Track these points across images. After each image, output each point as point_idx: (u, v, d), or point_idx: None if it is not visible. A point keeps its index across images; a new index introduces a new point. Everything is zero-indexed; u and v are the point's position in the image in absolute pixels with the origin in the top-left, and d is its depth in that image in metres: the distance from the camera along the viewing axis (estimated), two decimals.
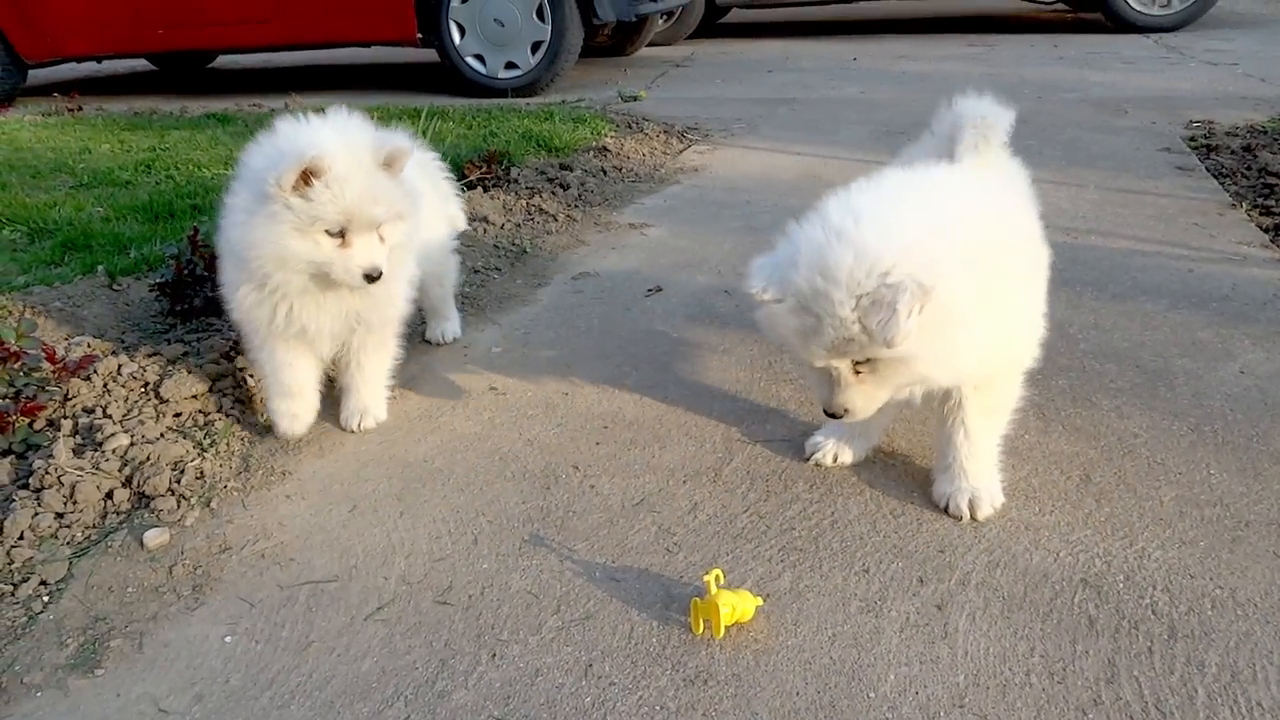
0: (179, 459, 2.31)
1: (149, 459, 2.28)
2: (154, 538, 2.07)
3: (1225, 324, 2.96)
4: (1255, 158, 4.62)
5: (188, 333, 2.95)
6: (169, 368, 2.63)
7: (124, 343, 2.87)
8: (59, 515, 2.11)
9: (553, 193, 4.52)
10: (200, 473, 2.30)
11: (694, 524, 2.11)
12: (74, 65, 8.46)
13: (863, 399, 1.82)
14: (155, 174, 5.00)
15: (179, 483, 2.24)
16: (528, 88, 7.16)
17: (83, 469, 2.21)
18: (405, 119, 5.77)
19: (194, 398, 2.54)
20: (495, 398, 2.71)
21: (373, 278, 2.18)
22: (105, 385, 2.54)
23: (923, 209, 1.79)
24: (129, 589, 1.95)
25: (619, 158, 5.21)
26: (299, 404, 2.46)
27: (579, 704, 1.63)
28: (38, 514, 2.10)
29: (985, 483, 2.09)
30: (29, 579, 1.96)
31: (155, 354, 2.71)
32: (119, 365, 2.60)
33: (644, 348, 2.98)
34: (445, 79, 7.30)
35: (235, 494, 2.27)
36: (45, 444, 2.31)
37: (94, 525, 2.13)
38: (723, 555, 1.99)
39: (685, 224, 4.18)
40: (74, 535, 2.09)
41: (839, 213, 1.74)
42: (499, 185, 4.54)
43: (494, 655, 1.74)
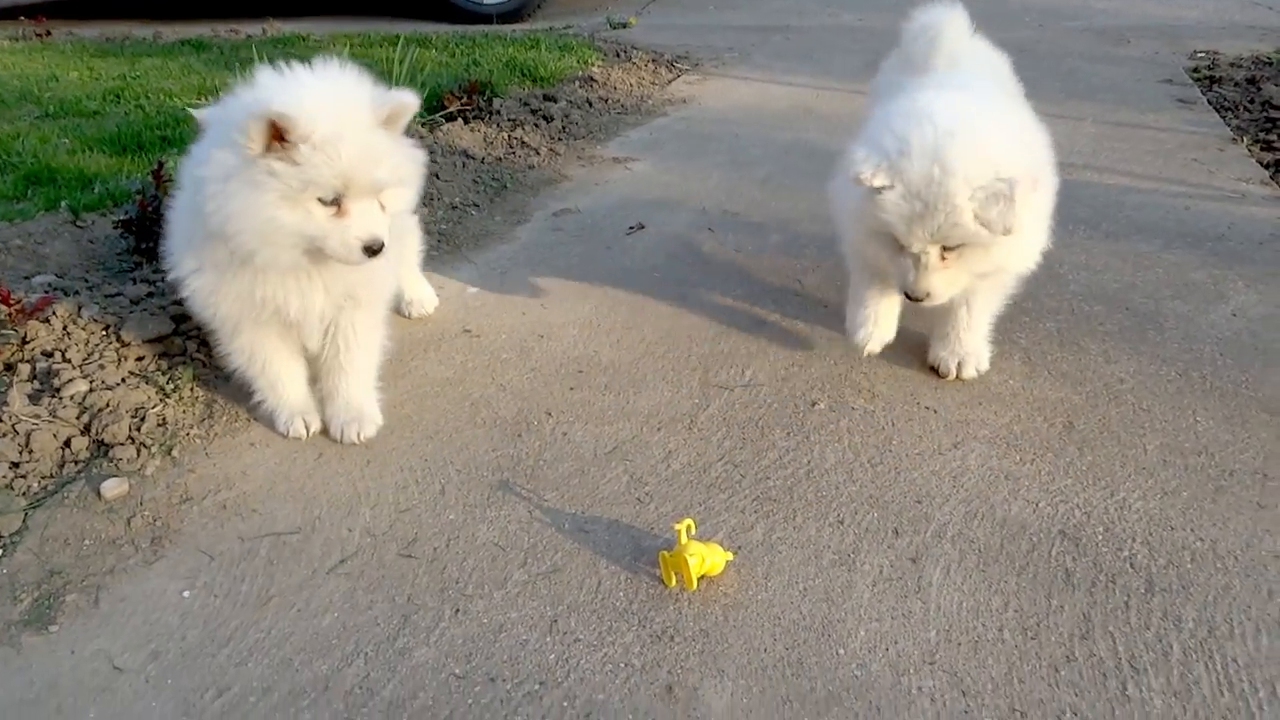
0: (140, 405, 2.24)
1: (108, 405, 2.21)
2: (112, 488, 2.01)
3: (1219, 264, 2.88)
4: (1259, 90, 4.48)
5: (153, 272, 2.84)
6: (131, 309, 2.55)
7: (86, 282, 2.78)
8: (14, 465, 2.05)
9: (535, 125, 4.38)
10: (162, 419, 2.23)
11: (667, 473, 2.05)
12: None
13: (944, 283, 2.03)
14: (124, 103, 4.82)
15: (139, 430, 2.18)
16: (514, 14, 6.92)
17: (39, 416, 2.15)
18: (384, 46, 5.58)
19: (157, 340, 2.46)
20: (469, 340, 2.63)
21: (374, 250, 1.89)
22: (65, 328, 2.46)
23: (999, 119, 2.04)
24: (86, 541, 1.90)
25: (605, 88, 5.05)
26: (298, 398, 2.26)
27: (543, 661, 1.60)
28: None
29: (975, 349, 2.34)
30: None
31: (117, 294, 2.63)
32: (79, 306, 2.51)
33: (623, 288, 2.89)
34: (431, 5, 7.04)
35: (198, 441, 2.20)
36: (1, 390, 2.24)
37: (50, 475, 2.07)
38: (695, 505, 1.95)
39: (671, 158, 4.05)
40: (29, 486, 2.03)
41: (945, 114, 1.94)
42: (480, 117, 4.38)
43: (457, 610, 1.70)
